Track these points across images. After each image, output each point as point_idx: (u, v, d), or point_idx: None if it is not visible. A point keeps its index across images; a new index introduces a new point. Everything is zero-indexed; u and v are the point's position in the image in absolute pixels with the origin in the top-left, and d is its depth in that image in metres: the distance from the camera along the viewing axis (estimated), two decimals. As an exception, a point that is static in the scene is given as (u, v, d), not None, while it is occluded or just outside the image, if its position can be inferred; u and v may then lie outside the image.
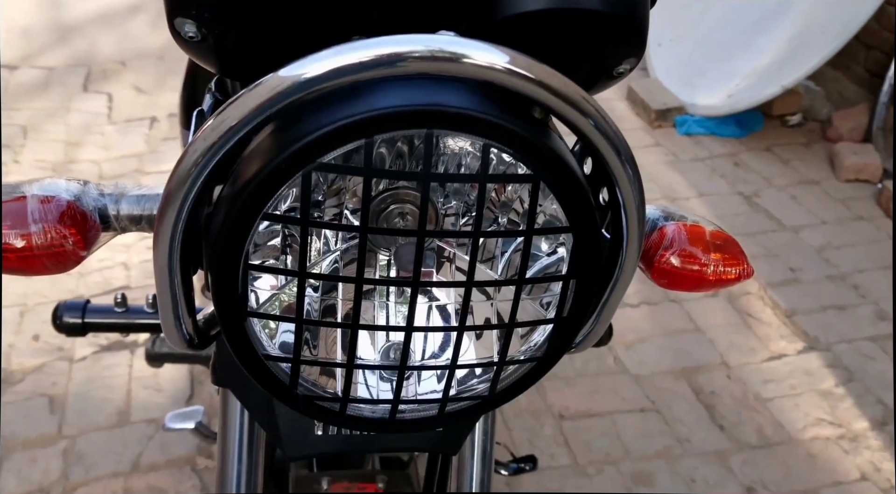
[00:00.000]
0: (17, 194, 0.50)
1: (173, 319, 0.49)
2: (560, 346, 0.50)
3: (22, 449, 1.73)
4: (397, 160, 0.48)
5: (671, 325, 2.24)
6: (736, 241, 0.60)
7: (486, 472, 0.71)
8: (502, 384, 0.52)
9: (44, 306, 2.13)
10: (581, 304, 0.48)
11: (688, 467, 1.83)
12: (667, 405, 2.00)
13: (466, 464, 0.71)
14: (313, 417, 0.50)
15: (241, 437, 0.66)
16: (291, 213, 0.45)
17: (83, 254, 0.50)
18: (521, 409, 1.95)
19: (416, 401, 0.51)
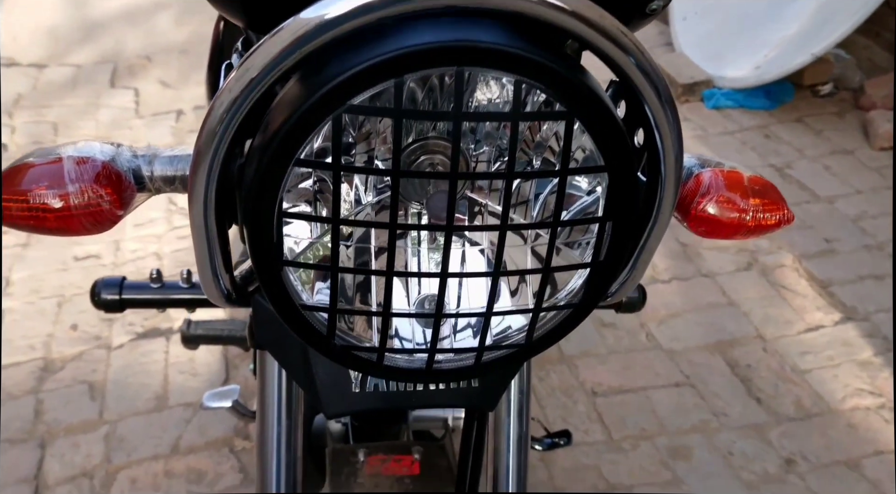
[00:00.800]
0: (54, 156, 0.51)
1: (211, 275, 0.49)
2: (596, 292, 0.49)
3: (65, 435, 1.77)
4: (427, 104, 0.47)
5: (704, 300, 2.21)
6: (775, 187, 0.59)
7: (524, 430, 0.71)
8: (539, 332, 0.51)
9: (80, 297, 2.17)
10: (617, 248, 0.48)
11: (725, 440, 1.81)
12: (702, 379, 1.97)
13: (503, 423, 0.70)
14: (350, 367, 0.50)
15: (280, 399, 0.66)
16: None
17: (120, 214, 0.51)
18: (554, 387, 1.95)
19: (452, 350, 0.50)
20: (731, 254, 2.37)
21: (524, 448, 0.71)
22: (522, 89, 0.42)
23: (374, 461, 1.14)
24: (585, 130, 0.43)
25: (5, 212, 0.49)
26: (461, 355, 0.51)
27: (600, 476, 1.73)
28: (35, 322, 2.08)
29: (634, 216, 0.47)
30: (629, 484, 1.72)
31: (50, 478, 1.67)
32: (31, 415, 1.81)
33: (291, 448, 0.67)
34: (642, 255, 0.53)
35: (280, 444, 0.67)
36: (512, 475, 0.70)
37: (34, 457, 1.71)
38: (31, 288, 2.19)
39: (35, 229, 0.50)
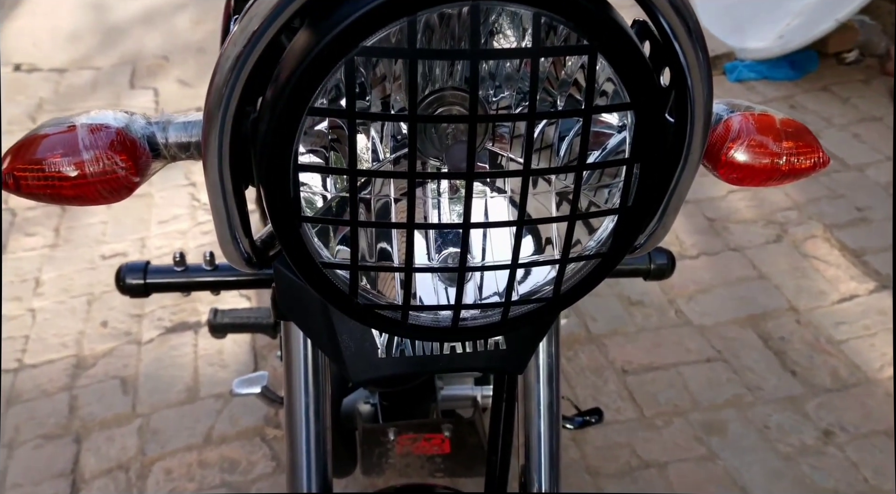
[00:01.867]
0: (67, 125, 0.50)
1: (229, 237, 0.48)
2: (625, 240, 0.48)
3: (99, 429, 1.79)
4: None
5: (733, 274, 2.17)
6: (808, 129, 0.56)
7: (554, 397, 0.69)
8: (567, 284, 0.50)
9: (109, 294, 2.19)
10: (646, 192, 0.46)
11: (760, 414, 1.78)
12: (734, 354, 1.94)
13: (532, 390, 0.69)
14: (374, 326, 0.49)
15: (307, 371, 0.65)
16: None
17: (136, 181, 0.50)
18: (583, 367, 1.93)
19: (477, 306, 0.49)
20: (759, 227, 2.33)
21: (556, 417, 0.70)
22: (542, 25, 0.41)
23: (404, 440, 1.13)
24: (609, 65, 0.41)
25: (21, 184, 0.49)
26: (487, 311, 0.50)
27: (633, 453, 1.71)
28: (66, 320, 2.10)
29: (663, 158, 0.46)
30: (664, 461, 1.69)
31: (86, 472, 1.68)
32: (66, 411, 1.83)
33: (320, 420, 0.66)
34: (672, 202, 0.51)
35: (309, 417, 0.67)
36: (544, 444, 0.69)
37: (70, 452, 1.73)
38: (62, 288, 2.22)
39: (52, 198, 0.49)
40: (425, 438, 1.14)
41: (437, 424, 1.10)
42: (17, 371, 1.93)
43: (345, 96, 0.40)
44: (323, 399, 0.66)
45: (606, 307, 2.10)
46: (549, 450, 0.69)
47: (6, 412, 1.82)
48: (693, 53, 0.43)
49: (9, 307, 2.14)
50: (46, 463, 1.70)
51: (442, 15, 0.43)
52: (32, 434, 1.77)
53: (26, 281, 2.24)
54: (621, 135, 0.47)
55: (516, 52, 0.45)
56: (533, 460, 0.69)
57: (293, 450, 0.67)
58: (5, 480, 1.66)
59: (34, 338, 2.04)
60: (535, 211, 0.50)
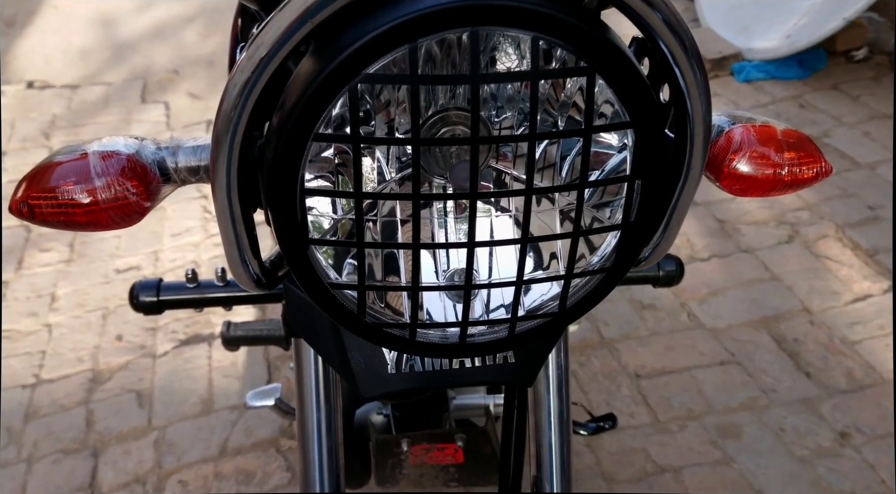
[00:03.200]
0: (79, 153, 0.51)
1: (239, 260, 0.49)
2: (629, 255, 0.48)
3: (116, 443, 1.80)
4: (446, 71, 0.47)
5: (745, 276, 2.17)
6: (810, 139, 0.57)
7: (564, 407, 0.70)
8: (572, 299, 0.50)
9: (124, 308, 2.21)
10: (648, 208, 0.47)
11: (775, 416, 1.78)
12: (748, 356, 1.94)
13: (543, 401, 0.69)
14: (383, 345, 0.50)
15: (318, 384, 0.66)
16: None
17: (147, 206, 0.51)
18: (596, 372, 1.93)
19: (483, 322, 0.50)
20: (770, 228, 2.32)
21: (566, 426, 0.70)
22: (540, 47, 0.41)
23: (417, 450, 1.14)
24: (608, 85, 0.42)
25: (36, 211, 0.50)
26: (495, 327, 0.51)
27: (648, 458, 1.71)
28: (82, 335, 2.13)
29: (664, 174, 0.46)
30: (679, 466, 1.69)
31: (104, 485, 1.70)
32: (83, 425, 1.85)
33: (332, 434, 0.67)
34: (674, 216, 0.51)
35: (321, 431, 0.67)
36: (555, 452, 0.69)
37: (88, 466, 1.75)
38: (77, 303, 2.24)
39: (65, 225, 0.50)
40: (438, 448, 1.14)
41: (450, 434, 1.11)
42: (35, 386, 1.96)
43: (349, 122, 0.41)
44: (334, 414, 0.67)
45: (618, 311, 2.10)
46: (561, 458, 0.69)
47: (25, 428, 1.84)
48: (690, 70, 0.44)
49: (25, 322, 2.17)
50: (65, 478, 1.72)
51: (443, 41, 0.44)
52: (51, 449, 1.79)
53: (42, 297, 2.26)
54: (621, 155, 0.48)
55: (515, 76, 0.46)
56: (544, 468, 0.69)
57: (306, 465, 0.68)
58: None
59: (51, 353, 2.06)
60: (539, 229, 0.51)
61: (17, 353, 2.06)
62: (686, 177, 0.49)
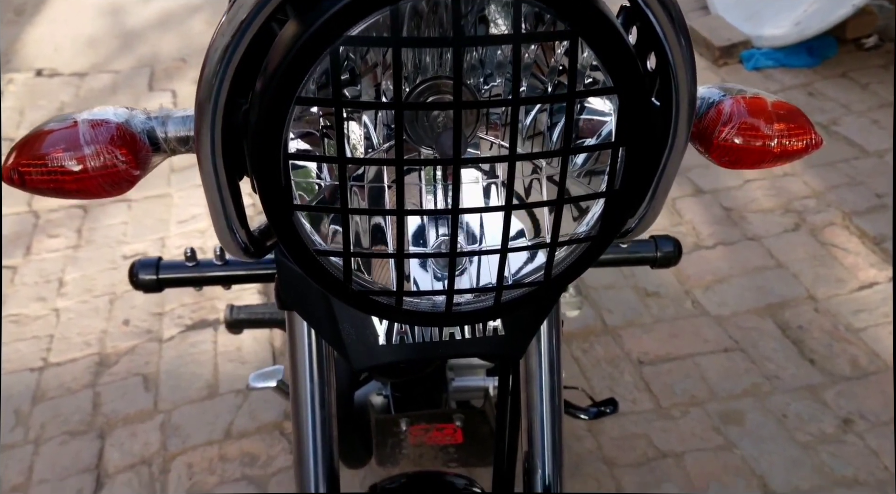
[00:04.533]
0: (70, 121, 0.52)
1: (226, 228, 0.49)
2: (614, 224, 0.48)
3: (122, 425, 1.82)
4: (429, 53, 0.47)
5: (750, 263, 2.16)
6: (801, 111, 0.57)
7: (556, 382, 0.70)
8: (557, 268, 0.50)
9: (130, 293, 2.23)
10: (633, 176, 0.47)
11: (778, 403, 1.77)
12: (752, 343, 1.93)
13: (534, 375, 0.70)
14: (369, 312, 0.50)
15: (311, 358, 0.67)
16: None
17: (136, 174, 0.51)
18: (599, 358, 1.93)
19: (468, 291, 0.50)
20: (777, 216, 2.31)
21: (557, 402, 0.70)
22: (530, 13, 0.41)
23: (416, 430, 1.15)
24: (592, 50, 0.42)
25: (26, 178, 0.50)
26: (481, 296, 0.51)
27: (650, 443, 1.71)
28: (89, 319, 2.14)
29: (648, 142, 0.46)
30: (680, 451, 1.69)
31: (111, 467, 1.72)
32: (90, 408, 1.86)
33: (326, 407, 0.68)
34: (660, 186, 0.51)
35: (314, 404, 0.68)
36: (546, 428, 0.69)
37: (95, 448, 1.77)
38: (84, 288, 2.26)
39: (55, 192, 0.51)
40: (437, 428, 1.15)
41: (449, 414, 1.11)
42: (42, 370, 1.98)
43: (332, 86, 0.41)
44: (328, 387, 0.68)
45: (622, 299, 2.10)
46: (552, 434, 0.69)
47: (32, 410, 1.86)
48: (675, 40, 0.44)
49: (34, 307, 2.19)
50: (72, 459, 1.74)
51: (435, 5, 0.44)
52: (58, 431, 1.81)
53: (50, 282, 2.28)
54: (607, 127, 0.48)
55: (497, 39, 0.46)
56: (535, 444, 0.69)
57: (300, 438, 0.69)
58: (31, 476, 1.70)
59: (58, 337, 2.08)
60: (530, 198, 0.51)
61: (25, 337, 2.08)
62: (671, 147, 0.49)
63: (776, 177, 2.47)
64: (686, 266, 2.19)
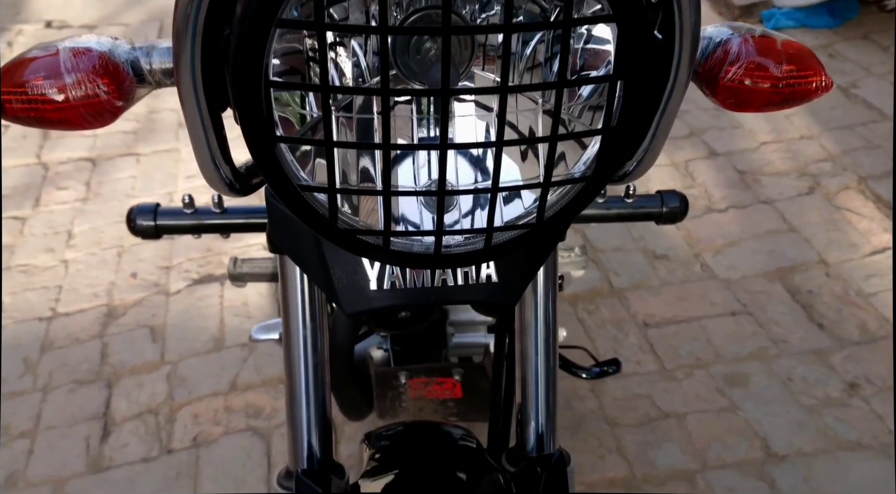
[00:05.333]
0: (51, 50, 0.50)
1: (210, 163, 0.48)
2: (610, 163, 0.46)
3: (129, 376, 1.84)
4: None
5: (763, 227, 2.13)
6: (811, 52, 0.54)
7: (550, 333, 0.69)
8: (550, 210, 0.49)
9: (138, 247, 2.23)
10: (631, 112, 0.44)
11: (784, 367, 1.76)
12: (760, 307, 1.91)
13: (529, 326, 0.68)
14: (357, 252, 0.49)
15: (303, 302, 0.66)
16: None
17: (119, 105, 0.50)
18: (604, 320, 1.92)
19: (457, 232, 0.48)
20: (792, 179, 2.27)
21: (552, 354, 0.69)
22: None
23: (416, 384, 1.14)
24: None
25: (6, 106, 0.49)
26: (472, 239, 0.49)
27: (653, 404, 1.71)
28: (98, 271, 2.15)
29: (648, 76, 0.44)
30: (683, 412, 1.69)
31: (117, 416, 1.74)
32: (98, 358, 1.88)
33: (318, 352, 0.67)
34: (661, 125, 0.49)
35: (307, 352, 0.67)
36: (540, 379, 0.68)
37: (102, 396, 1.79)
38: (93, 240, 2.27)
39: (37, 122, 0.49)
40: (437, 382, 1.15)
41: (448, 368, 1.11)
42: (51, 319, 1.99)
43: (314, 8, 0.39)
44: (321, 333, 0.67)
45: (630, 261, 2.08)
46: (546, 387, 0.68)
47: (41, 359, 1.88)
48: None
49: (43, 258, 2.20)
50: (79, 407, 1.76)
51: None
52: (66, 380, 1.83)
53: (59, 234, 2.29)
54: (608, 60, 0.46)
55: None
56: (529, 396, 0.68)
57: (292, 383, 0.68)
58: (39, 422, 1.72)
59: (67, 288, 2.09)
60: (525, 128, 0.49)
61: (34, 287, 2.10)
62: (673, 83, 0.47)
63: (792, 139, 2.42)
64: (697, 229, 2.17)
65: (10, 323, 1.99)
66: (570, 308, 1.95)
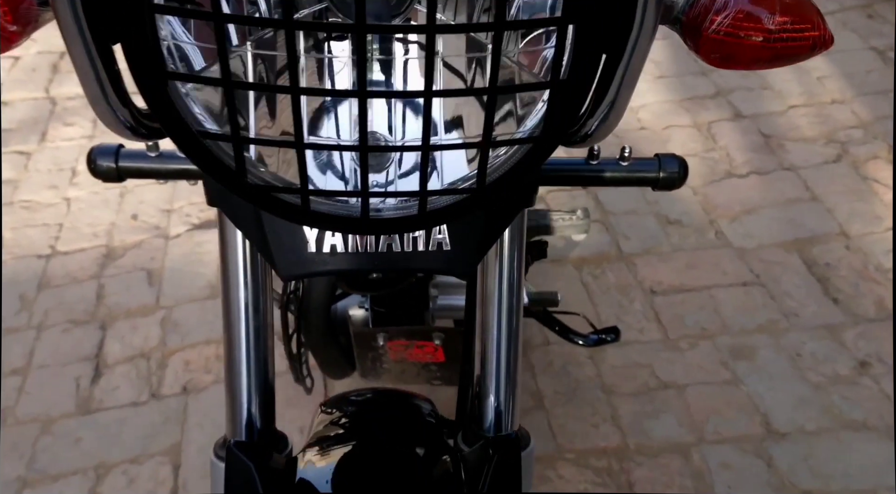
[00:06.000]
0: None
1: (104, 102, 0.42)
2: (560, 122, 0.40)
3: (124, 318, 1.82)
4: None
5: (784, 195, 2.04)
6: (811, 2, 0.46)
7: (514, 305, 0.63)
8: (495, 174, 0.42)
9: (140, 188, 2.20)
10: (583, 62, 0.38)
11: (794, 341, 1.69)
12: (773, 278, 1.84)
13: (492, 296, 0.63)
14: (272, 211, 0.43)
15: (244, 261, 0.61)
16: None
17: (14, 30, 0.44)
18: (609, 285, 1.85)
19: (385, 194, 0.42)
20: (819, 146, 2.16)
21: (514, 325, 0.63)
22: None
23: (395, 346, 1.10)
24: None
25: None
26: (408, 202, 0.44)
27: (652, 374, 1.66)
28: (99, 211, 2.13)
29: (603, 19, 0.37)
30: (683, 384, 1.64)
31: (109, 358, 1.73)
32: (94, 299, 1.87)
33: (259, 315, 0.62)
34: (625, 79, 0.42)
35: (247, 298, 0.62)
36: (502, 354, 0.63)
37: (96, 338, 1.77)
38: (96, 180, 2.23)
39: None
40: (418, 345, 1.10)
41: (428, 332, 1.06)
42: (50, 257, 1.98)
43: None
44: (262, 293, 0.62)
45: (642, 225, 2.00)
46: (508, 362, 0.63)
47: (37, 296, 1.87)
48: None
49: (46, 195, 2.18)
50: (73, 347, 1.75)
51: None
52: (61, 319, 1.82)
53: (63, 171, 2.26)
54: None
55: None
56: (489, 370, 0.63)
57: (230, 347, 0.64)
58: (32, 360, 1.72)
59: (68, 227, 2.07)
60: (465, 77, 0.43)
61: (35, 224, 2.08)
62: (639, 29, 0.40)
63: (823, 103, 2.30)
64: (715, 194, 2.08)
65: (9, 259, 1.98)
66: (574, 271, 1.89)
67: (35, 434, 1.57)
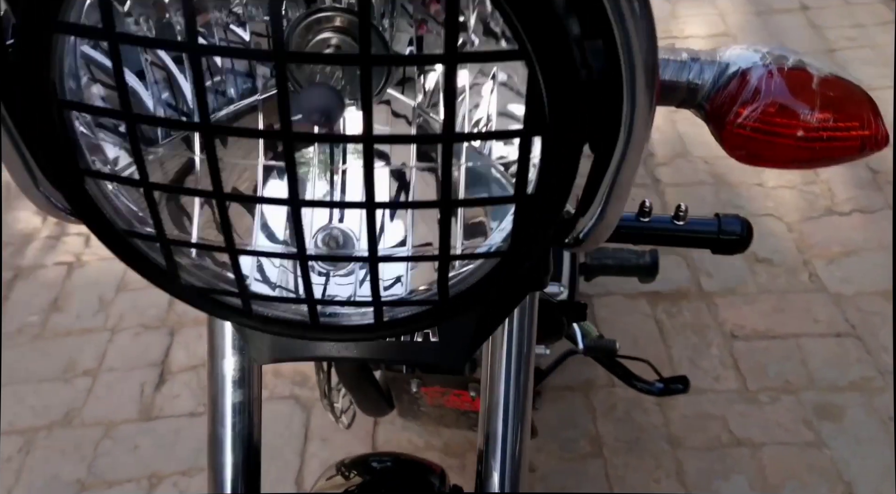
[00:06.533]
0: None
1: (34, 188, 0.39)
2: (529, 235, 0.34)
3: (192, 326, 1.86)
4: None
5: (889, 237, 1.85)
6: (864, 92, 0.38)
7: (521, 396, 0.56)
8: (461, 285, 0.37)
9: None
10: (553, 175, 0.32)
11: (888, 403, 1.53)
12: (871, 330, 1.67)
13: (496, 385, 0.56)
14: (212, 313, 0.39)
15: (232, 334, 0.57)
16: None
17: None
18: (685, 325, 1.74)
19: (334, 302, 0.37)
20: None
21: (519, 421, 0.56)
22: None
23: (431, 393, 1.06)
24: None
25: None
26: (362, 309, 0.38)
27: (725, 427, 1.54)
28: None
29: (575, 128, 0.31)
30: (759, 442, 1.51)
31: (174, 365, 1.77)
32: (166, 305, 1.91)
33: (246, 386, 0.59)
34: (614, 191, 0.36)
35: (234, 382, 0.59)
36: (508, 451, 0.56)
37: (164, 344, 1.82)
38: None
39: None
40: (454, 393, 1.05)
41: (464, 382, 1.01)
42: (130, 261, 2.04)
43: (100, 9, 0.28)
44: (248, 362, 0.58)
45: (727, 262, 1.87)
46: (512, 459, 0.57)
47: (115, 298, 1.94)
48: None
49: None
50: (141, 352, 1.80)
51: None
52: (134, 322, 1.87)
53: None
54: None
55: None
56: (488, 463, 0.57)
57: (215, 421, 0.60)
58: (103, 362, 1.77)
59: (150, 232, 2.14)
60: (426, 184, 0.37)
61: (120, 228, 2.16)
62: (627, 137, 0.33)
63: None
64: (812, 232, 1.92)
65: (94, 260, 2.06)
66: (647, 307, 1.78)
67: (98, 438, 1.62)
